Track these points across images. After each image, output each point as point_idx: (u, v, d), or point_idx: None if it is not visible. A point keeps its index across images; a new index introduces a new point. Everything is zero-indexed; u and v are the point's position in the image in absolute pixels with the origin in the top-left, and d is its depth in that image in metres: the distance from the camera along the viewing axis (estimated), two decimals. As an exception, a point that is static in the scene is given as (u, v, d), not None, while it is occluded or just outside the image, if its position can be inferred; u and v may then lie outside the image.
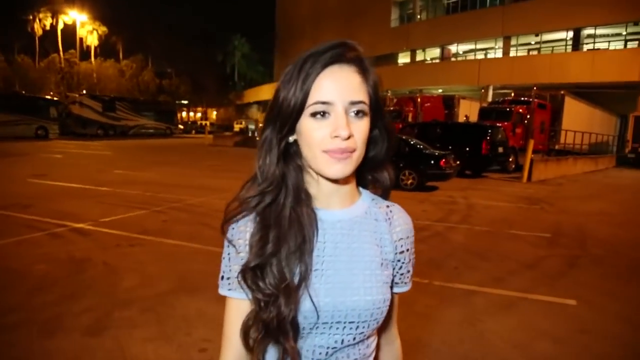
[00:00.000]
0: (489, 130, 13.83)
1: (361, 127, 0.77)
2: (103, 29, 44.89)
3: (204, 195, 8.37)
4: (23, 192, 8.11)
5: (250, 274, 0.76)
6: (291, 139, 0.80)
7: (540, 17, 28.99)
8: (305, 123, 0.76)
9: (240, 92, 62.06)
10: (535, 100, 18.25)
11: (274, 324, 0.75)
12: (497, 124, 15.21)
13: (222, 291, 0.82)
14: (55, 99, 32.24)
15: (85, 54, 44.20)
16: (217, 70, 61.89)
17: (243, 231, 0.80)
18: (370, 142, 0.82)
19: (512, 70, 30.01)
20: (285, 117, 0.77)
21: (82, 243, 5.01)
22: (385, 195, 0.90)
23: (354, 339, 0.80)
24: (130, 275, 4.02)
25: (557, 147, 20.40)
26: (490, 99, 29.24)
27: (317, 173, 0.80)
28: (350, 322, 0.79)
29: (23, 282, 3.78)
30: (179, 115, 43.67)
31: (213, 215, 6.60)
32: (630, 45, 28.89)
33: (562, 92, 20.62)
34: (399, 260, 0.87)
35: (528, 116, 17.47)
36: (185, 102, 53.52)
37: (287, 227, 0.78)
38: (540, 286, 4.14)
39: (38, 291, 3.60)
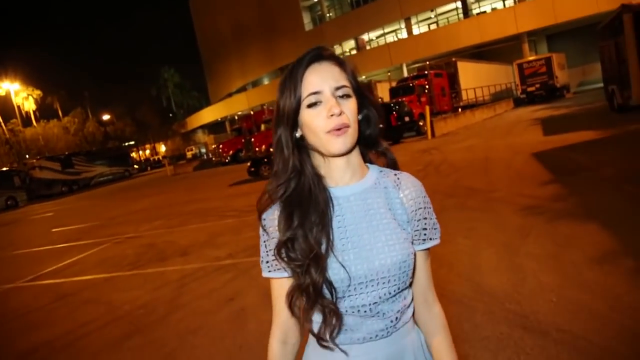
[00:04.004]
0: (395, 106, 17.56)
1: (349, 106, 0.92)
2: (37, 92, 46.34)
3: (200, 202, 11.54)
4: (61, 236, 10.96)
5: (284, 248, 0.91)
6: (297, 134, 0.96)
7: (430, -6, 33.27)
8: (305, 115, 0.92)
9: (182, 121, 64.22)
10: (431, 71, 22.26)
11: (311, 290, 0.88)
12: (403, 99, 19.04)
13: (264, 274, 0.97)
14: (14, 168, 33.84)
15: (25, 120, 45.52)
16: (155, 105, 63.91)
17: (273, 219, 0.95)
18: (364, 121, 0.99)
19: (416, 47, 34.21)
20: (289, 115, 0.93)
21: (139, 240, 8.14)
22: (393, 166, 1.04)
23: (390, 292, 0.91)
24: (185, 240, 7.24)
25: (461, 104, 24.58)
26: (405, 74, 33.47)
27: (325, 154, 0.94)
28: (382, 278, 0.90)
29: (127, 258, 6.92)
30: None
31: (223, 209, 9.87)
32: (507, 4, 33.73)
33: (453, 59, 24.86)
34: (413, 219, 0.97)
35: (427, 86, 21.43)
36: (132, 142, 55.31)
37: (307, 204, 0.92)
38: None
39: (141, 255, 6.78)
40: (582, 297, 2.83)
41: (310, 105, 0.91)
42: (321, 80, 0.91)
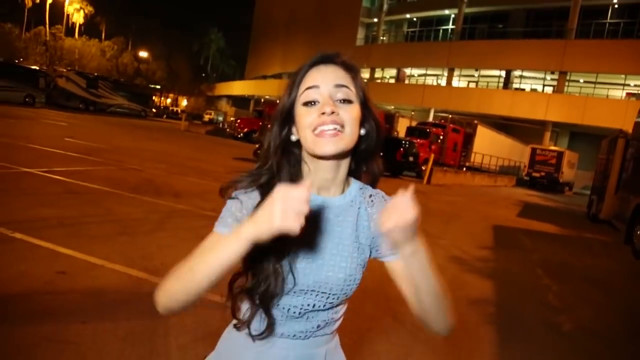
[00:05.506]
0: (406, 144, 18.71)
1: (348, 110, 0.88)
2: (90, 9, 47.79)
3: (203, 163, 12.64)
4: (73, 146, 12.02)
5: (255, 252, 0.83)
6: (294, 137, 0.93)
7: (479, 56, 34.53)
8: (299, 111, 0.90)
9: (212, 84, 65.72)
10: (450, 125, 23.45)
11: (262, 296, 0.89)
12: (414, 140, 20.20)
13: (219, 229, 0.92)
14: (42, 70, 35.01)
15: (69, 30, 46.91)
16: (192, 59, 65.28)
17: (253, 199, 0.91)
18: (363, 136, 0.95)
19: (449, 97, 35.50)
20: (282, 111, 0.93)
21: (142, 173, 9.23)
22: (374, 183, 1.03)
23: (324, 305, 0.93)
24: (180, 186, 8.34)
25: (467, 164, 25.75)
26: (431, 119, 34.69)
27: (311, 154, 0.91)
28: (322, 292, 0.92)
29: (128, 183, 8.01)
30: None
31: (222, 174, 10.98)
32: (546, 90, 35.01)
33: (475, 121, 26.07)
34: (378, 236, 0.95)
35: (442, 137, 22.61)
36: (158, 87, 56.60)
37: None
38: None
39: (140, 185, 7.87)
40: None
41: (305, 104, 0.90)
42: (321, 76, 0.90)
